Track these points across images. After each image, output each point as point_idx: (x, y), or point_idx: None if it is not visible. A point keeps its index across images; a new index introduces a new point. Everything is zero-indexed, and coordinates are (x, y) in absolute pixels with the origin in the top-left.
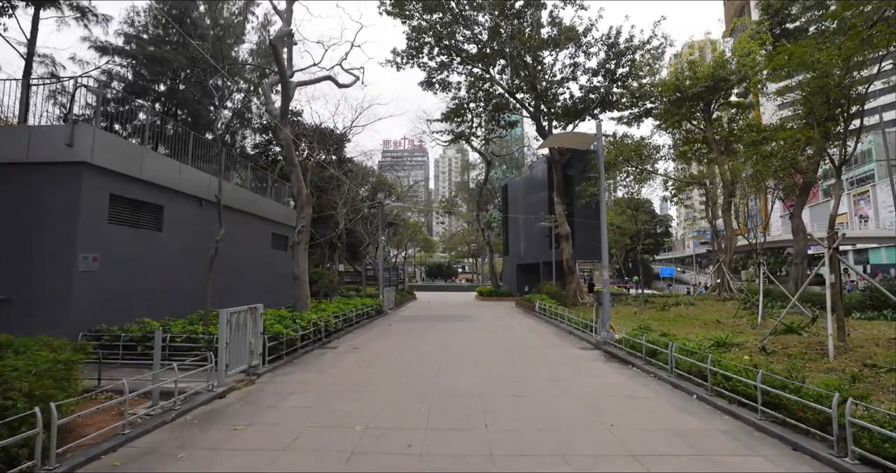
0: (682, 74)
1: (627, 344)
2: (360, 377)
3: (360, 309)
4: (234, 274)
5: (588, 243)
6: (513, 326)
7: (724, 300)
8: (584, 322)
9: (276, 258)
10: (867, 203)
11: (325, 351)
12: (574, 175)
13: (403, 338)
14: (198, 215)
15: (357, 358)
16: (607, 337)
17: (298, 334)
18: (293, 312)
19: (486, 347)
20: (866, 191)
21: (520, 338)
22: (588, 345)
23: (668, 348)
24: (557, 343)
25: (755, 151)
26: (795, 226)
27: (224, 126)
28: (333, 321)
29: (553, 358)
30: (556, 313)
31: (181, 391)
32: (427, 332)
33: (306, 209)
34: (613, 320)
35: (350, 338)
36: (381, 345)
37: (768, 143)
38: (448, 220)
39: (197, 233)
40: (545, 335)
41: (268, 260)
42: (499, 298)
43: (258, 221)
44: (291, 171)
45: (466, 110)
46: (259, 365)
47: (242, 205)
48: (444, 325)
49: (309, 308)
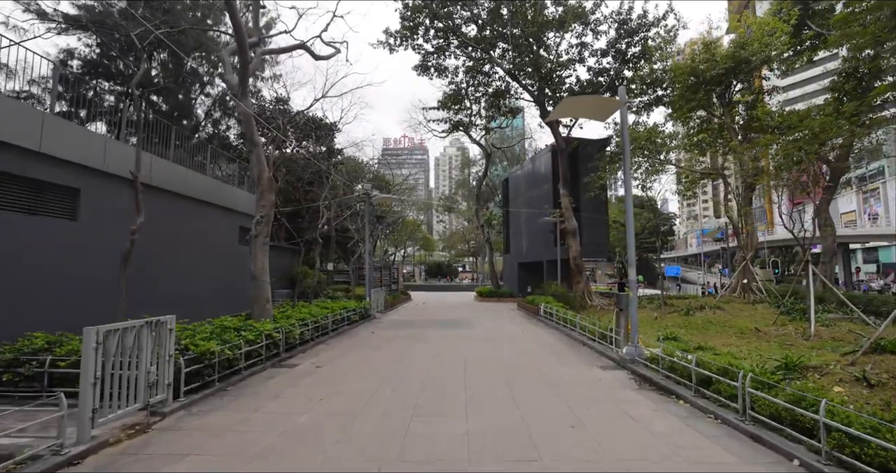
0: (698, 57)
1: (664, 364)
2: (304, 420)
3: (339, 314)
4: (185, 274)
5: (594, 240)
6: (515, 334)
7: (754, 302)
8: (600, 331)
9: (245, 256)
10: (877, 200)
11: (279, 372)
12: (580, 168)
13: (383, 352)
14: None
15: (313, 385)
16: (635, 353)
17: (241, 351)
18: (248, 321)
19: (484, 367)
20: (876, 188)
21: (525, 352)
22: (609, 363)
23: (726, 375)
24: (570, 358)
25: (779, 138)
26: (823, 220)
27: (204, 114)
28: (298, 330)
29: (569, 383)
30: (564, 318)
31: (6, 454)
32: (414, 343)
33: (267, 196)
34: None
35: (319, 351)
36: (352, 363)
37: (792, 132)
38: (448, 219)
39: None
40: (554, 346)
41: (233, 259)
42: (499, 299)
43: (222, 213)
44: (251, 151)
45: (464, 96)
46: (166, 400)
47: (201, 194)
48: (436, 333)
49: (270, 314)
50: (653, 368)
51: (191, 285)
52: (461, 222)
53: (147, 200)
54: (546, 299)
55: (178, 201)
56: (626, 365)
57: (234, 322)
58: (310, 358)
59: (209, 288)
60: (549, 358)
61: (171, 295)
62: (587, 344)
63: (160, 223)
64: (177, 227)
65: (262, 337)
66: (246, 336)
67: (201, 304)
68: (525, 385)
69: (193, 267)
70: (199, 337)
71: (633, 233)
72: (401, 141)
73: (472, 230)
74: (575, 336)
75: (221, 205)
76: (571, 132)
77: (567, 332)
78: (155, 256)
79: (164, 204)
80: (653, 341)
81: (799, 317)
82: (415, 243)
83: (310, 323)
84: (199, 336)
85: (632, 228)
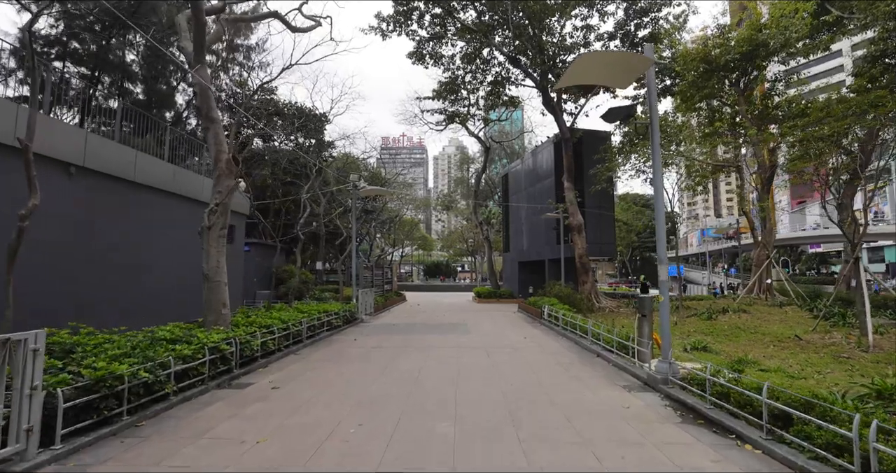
0: (711, 41)
1: (715, 388)
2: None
3: (316, 319)
4: (138, 275)
5: (599, 238)
6: (517, 343)
7: (781, 305)
8: (619, 340)
9: None
10: (882, 198)
11: (223, 395)
12: (584, 161)
13: (359, 367)
14: (65, 189)
15: (259, 415)
16: (668, 371)
17: (171, 371)
18: (198, 329)
19: (480, 388)
20: (882, 186)
21: (530, 367)
22: (634, 382)
23: (812, 411)
24: (585, 375)
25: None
26: (846, 216)
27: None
28: (259, 340)
29: (590, 414)
30: (572, 324)
31: None
32: (400, 354)
33: (224, 180)
34: (628, 329)
35: (285, 364)
36: (319, 381)
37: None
38: (447, 218)
39: (64, 218)
40: (563, 358)
41: (201, 257)
42: (498, 300)
43: (185, 204)
44: (208, 129)
45: (462, 86)
46: (25, 451)
47: (158, 181)
48: (427, 341)
49: (228, 321)
50: (695, 393)
51: (145, 287)
52: (460, 221)
53: (87, 187)
54: (550, 301)
55: (127, 189)
56: (656, 386)
57: (177, 332)
58: (271, 373)
59: (169, 290)
60: (560, 375)
61: (119, 300)
62: (602, 354)
63: (102, 214)
64: (127, 220)
65: (205, 351)
66: (180, 351)
67: (160, 309)
68: (534, 417)
69: (149, 266)
70: (108, 354)
71: (663, 219)
72: (399, 140)
73: (471, 229)
74: (585, 344)
75: (185, 195)
76: (576, 122)
77: (576, 340)
78: (97, 254)
79: (109, 191)
80: (679, 351)
81: (841, 322)
82: (413, 242)
83: (277, 330)
84: (110, 352)
85: (662, 213)
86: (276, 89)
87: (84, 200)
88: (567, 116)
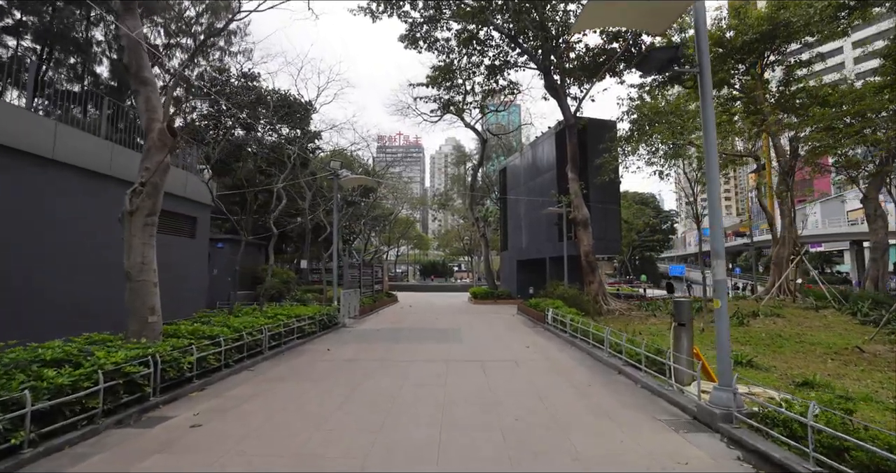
0: (727, 23)
1: (818, 438)
2: None
3: (283, 325)
4: (57, 273)
5: (604, 234)
6: (519, 353)
7: (817, 308)
8: (647, 354)
9: (172, 249)
10: (886, 197)
11: (115, 442)
12: (588, 153)
13: (320, 391)
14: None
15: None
16: (730, 402)
17: (23, 412)
18: (115, 343)
19: (473, 427)
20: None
21: (538, 391)
22: (680, 416)
23: None
24: (614, 406)
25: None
26: (871, 211)
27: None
28: (192, 357)
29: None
30: (583, 331)
31: None
32: (375, 372)
33: (155, 154)
34: (662, 340)
35: (231, 385)
36: (256, 416)
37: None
38: (443, 217)
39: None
40: (580, 377)
41: None
42: (496, 301)
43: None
44: (138, 92)
45: (458, 72)
46: None
47: (86, 160)
48: (412, 352)
49: (158, 331)
50: (781, 440)
51: (66, 289)
52: (456, 219)
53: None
54: (554, 303)
55: (41, 167)
56: (714, 424)
57: (70, 349)
58: (204, 401)
59: (103, 291)
60: (578, 404)
61: (33, 303)
62: (624, 371)
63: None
64: (40, 206)
65: (99, 377)
66: (53, 379)
67: (88, 315)
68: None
69: (73, 263)
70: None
71: (716, 195)
72: (395, 138)
73: (468, 227)
74: (602, 357)
75: (127, 179)
76: (581, 110)
77: (588, 350)
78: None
79: (12, 170)
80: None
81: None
82: (409, 241)
83: (225, 341)
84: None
85: (716, 189)
86: (258, 76)
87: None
88: (571, 101)
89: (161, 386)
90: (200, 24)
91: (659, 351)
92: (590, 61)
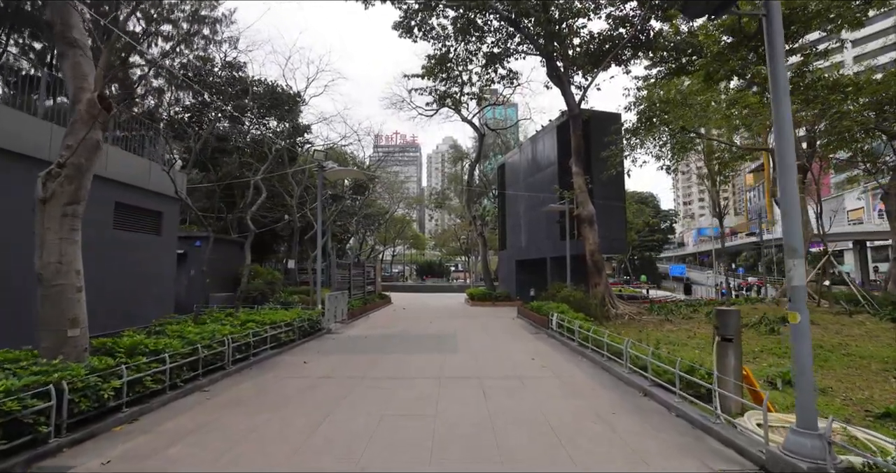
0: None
1: None
2: None
3: (251, 335)
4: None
5: (609, 233)
6: (524, 367)
7: (850, 314)
8: (682, 374)
9: (133, 247)
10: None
11: None
12: (591, 147)
13: (279, 422)
14: None
15: None
16: (812, 450)
17: None
18: (26, 363)
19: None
20: None
21: (551, 424)
22: (745, 465)
23: None
24: (650, 447)
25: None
26: (893, 207)
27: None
28: (116, 382)
29: None
30: (595, 340)
31: None
32: (351, 393)
33: (81, 130)
34: (684, 350)
35: (164, 417)
36: (182, 464)
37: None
38: (440, 216)
39: None
40: (600, 401)
41: (106, 252)
42: (494, 303)
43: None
44: (64, 56)
45: (455, 62)
46: None
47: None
48: (399, 366)
49: (82, 347)
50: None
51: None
52: (453, 219)
53: None
54: (558, 307)
55: None
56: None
57: None
58: (130, 438)
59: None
60: (604, 443)
61: None
62: (651, 392)
63: None
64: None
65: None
66: None
67: (11, 327)
68: None
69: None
70: None
71: (793, 178)
72: (392, 137)
73: (465, 227)
74: (620, 372)
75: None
76: (585, 99)
77: (602, 363)
78: None
79: None
80: (761, 383)
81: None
82: (405, 241)
83: (173, 357)
84: None
85: (792, 173)
86: (244, 65)
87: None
88: (575, 90)
89: (72, 421)
90: (183, 10)
91: (691, 369)
92: (595, 48)
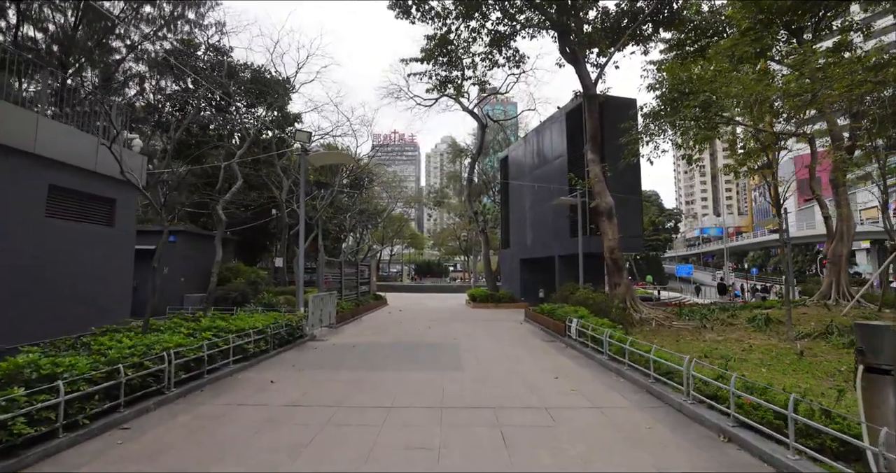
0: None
1: None
2: None
3: (205, 348)
4: None
5: (623, 229)
6: (550, 395)
7: None
8: (797, 417)
9: (74, 239)
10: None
11: None
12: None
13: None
14: None
15: None
16: None
17: None
18: None
19: None
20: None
21: None
22: None
23: None
24: None
25: None
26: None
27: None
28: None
29: None
30: (635, 354)
31: None
32: (315, 439)
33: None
34: (743, 367)
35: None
36: None
37: None
38: (440, 215)
39: None
40: (668, 451)
41: (34, 243)
42: (497, 305)
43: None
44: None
45: (457, 44)
46: None
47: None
48: (388, 390)
49: None
50: None
51: None
52: (452, 218)
53: None
54: (579, 311)
55: None
56: None
57: None
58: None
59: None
60: None
61: None
62: (739, 439)
63: None
64: None
65: None
66: None
67: None
68: None
69: None
70: None
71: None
72: (391, 136)
73: (464, 225)
74: (680, 402)
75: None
76: (602, 78)
77: (648, 386)
78: None
79: None
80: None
81: None
82: (402, 240)
83: (73, 384)
84: None
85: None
86: (230, 50)
87: None
88: (591, 68)
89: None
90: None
91: (816, 414)
92: (615, 21)
